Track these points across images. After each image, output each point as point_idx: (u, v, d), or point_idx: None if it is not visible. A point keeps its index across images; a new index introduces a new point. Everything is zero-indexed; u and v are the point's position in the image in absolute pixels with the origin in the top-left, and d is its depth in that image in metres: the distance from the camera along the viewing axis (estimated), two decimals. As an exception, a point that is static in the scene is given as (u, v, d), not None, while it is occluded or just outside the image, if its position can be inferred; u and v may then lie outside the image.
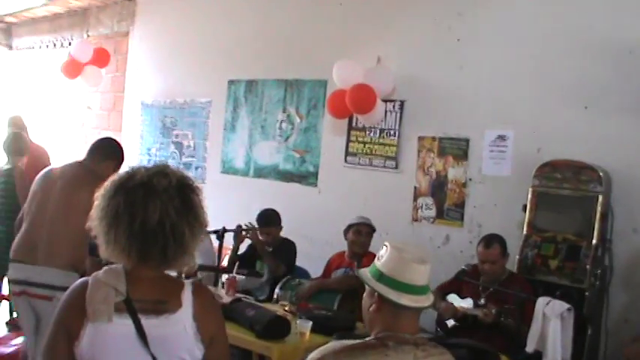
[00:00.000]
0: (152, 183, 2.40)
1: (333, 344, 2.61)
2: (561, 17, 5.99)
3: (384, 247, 2.70)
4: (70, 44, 10.70)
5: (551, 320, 4.56)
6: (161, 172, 2.45)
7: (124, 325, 2.33)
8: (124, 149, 5.32)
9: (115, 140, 5.43)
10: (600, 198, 5.37)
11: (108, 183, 2.46)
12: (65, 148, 10.93)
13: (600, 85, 5.73)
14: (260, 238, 6.48)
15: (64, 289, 2.55)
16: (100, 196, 2.45)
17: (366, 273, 2.72)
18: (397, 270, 2.61)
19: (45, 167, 5.34)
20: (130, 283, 2.39)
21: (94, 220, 2.44)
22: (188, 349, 2.40)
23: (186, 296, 2.44)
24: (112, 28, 10.51)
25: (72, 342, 2.35)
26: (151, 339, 2.34)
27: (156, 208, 2.36)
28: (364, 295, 2.74)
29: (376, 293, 2.63)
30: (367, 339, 2.62)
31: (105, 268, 2.43)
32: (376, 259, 2.71)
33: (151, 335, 2.34)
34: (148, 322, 2.35)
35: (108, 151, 5.15)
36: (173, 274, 2.62)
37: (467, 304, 5.38)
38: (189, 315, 2.41)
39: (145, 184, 2.39)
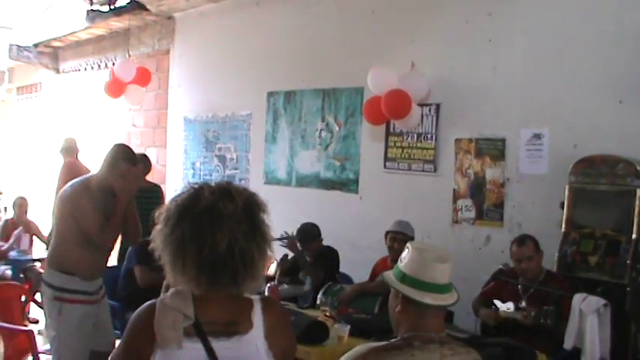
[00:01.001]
0: (218, 208, 2.33)
1: (360, 348, 2.65)
2: (591, 12, 5.98)
3: (406, 249, 2.75)
4: (113, 64, 10.90)
5: (587, 316, 4.54)
6: (227, 194, 2.38)
7: (194, 349, 2.30)
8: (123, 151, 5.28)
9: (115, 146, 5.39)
10: (638, 192, 5.33)
11: (171, 207, 2.40)
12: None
13: (634, 78, 5.69)
14: (300, 249, 6.56)
15: (46, 283, 2.61)
16: (163, 220, 2.39)
17: (390, 275, 2.76)
18: (419, 270, 2.65)
19: None
20: (197, 306, 2.34)
21: (158, 246, 2.39)
22: None
23: (257, 315, 2.41)
24: (153, 47, 10.71)
25: None
26: None
27: (224, 236, 2.30)
28: (390, 296, 2.79)
29: (400, 294, 2.68)
30: (393, 340, 2.66)
31: (172, 290, 2.39)
32: (399, 261, 2.75)
33: (222, 357, 2.31)
34: (218, 345, 2.32)
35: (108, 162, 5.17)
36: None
37: (507, 307, 5.37)
38: (260, 334, 2.38)
39: (211, 210, 2.33)
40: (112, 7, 10.34)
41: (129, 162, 5.14)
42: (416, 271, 2.66)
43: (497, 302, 5.45)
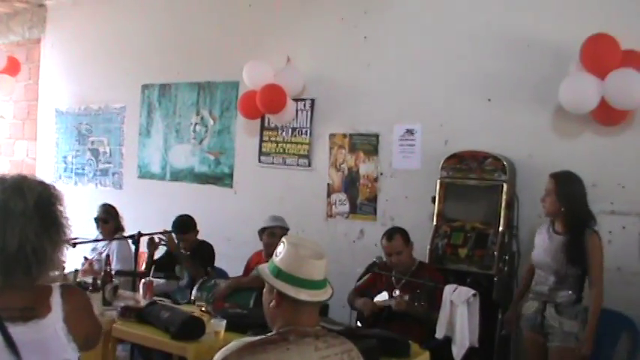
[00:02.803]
0: (9, 207, 2.36)
1: (235, 343, 2.64)
2: (462, 14, 6.19)
3: (281, 243, 2.75)
4: (-21, 53, 10.53)
5: (458, 306, 4.68)
6: (18, 191, 2.40)
7: None
8: None
9: None
10: (505, 186, 5.55)
11: None
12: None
13: (502, 78, 5.94)
14: (176, 243, 6.50)
15: None
16: None
17: (264, 270, 2.74)
18: (294, 266, 2.65)
19: None
20: None
21: None
22: (61, 351, 2.41)
23: (55, 301, 2.44)
24: (23, 35, 10.34)
25: None
26: (22, 345, 2.32)
27: (14, 235, 2.33)
28: (264, 291, 2.78)
29: (275, 290, 2.67)
30: (268, 334, 2.66)
31: None
32: (274, 255, 2.76)
33: (20, 341, 2.32)
34: (15, 330, 2.33)
35: None
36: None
37: (382, 297, 5.49)
38: (59, 318, 2.41)
39: (1, 209, 2.36)
40: (-22, -8, 9.98)
41: None
42: (291, 267, 2.65)
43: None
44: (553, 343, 4.84)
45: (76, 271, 5.56)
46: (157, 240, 6.44)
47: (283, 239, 2.77)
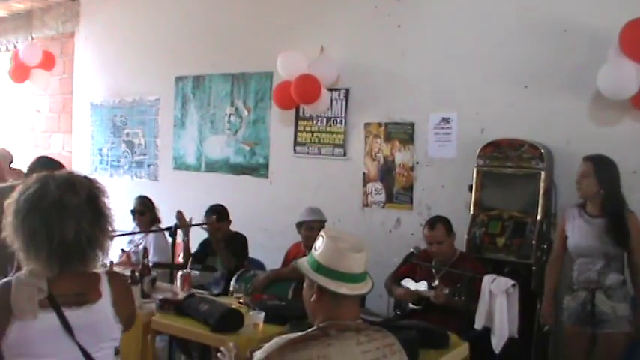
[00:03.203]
0: (64, 201, 2.56)
1: (277, 340, 2.65)
2: (499, 0, 6.11)
3: (320, 237, 2.75)
4: (15, 47, 10.59)
5: (497, 297, 4.66)
6: (71, 187, 2.60)
7: (48, 319, 2.52)
8: None
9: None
10: (543, 174, 5.49)
11: (20, 199, 2.60)
12: (16, 153, 10.84)
13: (538, 64, 5.86)
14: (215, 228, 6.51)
15: None
16: (12, 213, 2.59)
17: (304, 264, 2.75)
18: (334, 260, 2.65)
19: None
20: (51, 280, 2.55)
21: (10, 236, 2.59)
22: (110, 331, 2.67)
23: (104, 286, 2.67)
24: (57, 30, 10.42)
25: None
26: (77, 328, 2.55)
27: (71, 226, 2.54)
28: (304, 285, 2.78)
29: (315, 284, 2.68)
30: (309, 330, 2.66)
31: (26, 269, 2.58)
32: (313, 249, 2.75)
33: (75, 325, 2.55)
34: (71, 314, 2.55)
35: None
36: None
37: (422, 286, 5.47)
38: (108, 303, 2.66)
39: (57, 203, 2.55)
40: (14, -13, 10.05)
41: None
42: (331, 260, 2.65)
43: (407, 280, 5.54)
44: (604, 330, 4.80)
45: (111, 262, 5.59)
46: (187, 219, 6.43)
47: (322, 232, 2.77)
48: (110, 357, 2.71)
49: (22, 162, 10.72)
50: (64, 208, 2.55)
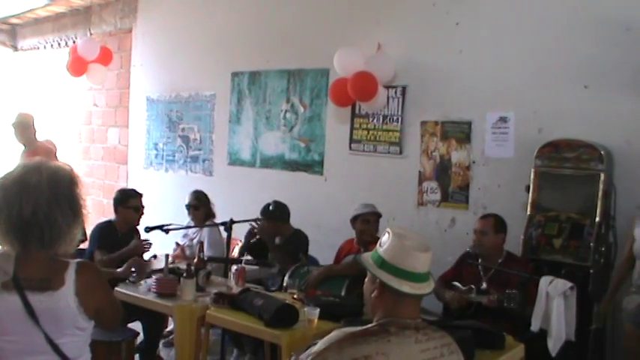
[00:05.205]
0: (25, 179, 2.72)
1: (336, 333, 2.65)
2: (557, -1, 6.05)
3: (386, 233, 2.73)
4: (74, 43, 10.73)
5: (554, 299, 4.62)
6: (35, 168, 2.76)
7: (11, 301, 2.67)
8: None
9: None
10: (602, 176, 5.41)
11: None
12: (73, 147, 11.02)
13: (599, 63, 5.77)
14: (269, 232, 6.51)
15: None
16: None
17: (367, 259, 2.74)
18: (399, 257, 2.64)
19: None
20: (18, 264, 2.71)
21: None
22: (73, 320, 2.75)
23: (70, 275, 2.75)
24: (115, 26, 10.55)
25: None
26: (39, 312, 2.68)
27: (29, 201, 2.67)
28: (366, 280, 2.78)
29: (378, 280, 2.67)
30: (369, 325, 2.66)
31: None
32: (378, 244, 2.74)
33: (37, 309, 2.67)
34: (34, 298, 2.68)
35: None
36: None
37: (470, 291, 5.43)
38: (71, 292, 2.73)
39: (18, 182, 2.71)
40: (73, -16, 10.19)
41: None
42: (396, 258, 2.64)
43: (456, 284, 5.51)
44: None
45: (167, 255, 5.63)
46: (254, 230, 6.46)
47: (388, 229, 2.76)
48: (79, 346, 2.82)
49: (79, 154, 10.96)
50: (25, 187, 2.69)
